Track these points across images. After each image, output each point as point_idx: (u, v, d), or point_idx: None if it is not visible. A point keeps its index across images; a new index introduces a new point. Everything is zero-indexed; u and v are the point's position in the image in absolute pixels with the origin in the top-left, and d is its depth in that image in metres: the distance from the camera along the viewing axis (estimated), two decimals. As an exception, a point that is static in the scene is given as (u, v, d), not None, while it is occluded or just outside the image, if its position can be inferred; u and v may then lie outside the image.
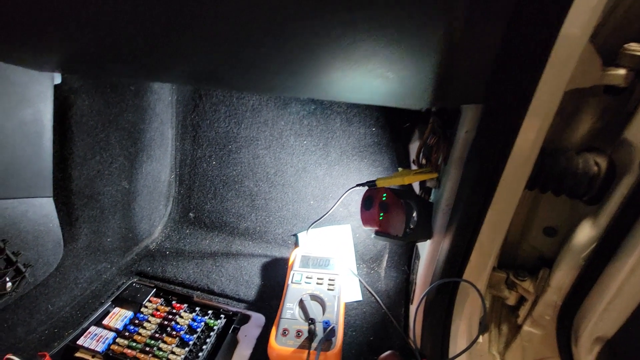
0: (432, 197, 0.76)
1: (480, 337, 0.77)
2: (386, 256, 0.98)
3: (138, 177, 0.96)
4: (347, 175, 1.01)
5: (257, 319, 0.83)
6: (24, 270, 0.72)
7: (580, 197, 0.56)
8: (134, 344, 0.73)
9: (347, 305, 0.84)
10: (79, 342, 0.72)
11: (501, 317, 0.84)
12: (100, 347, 0.72)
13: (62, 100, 0.72)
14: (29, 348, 0.71)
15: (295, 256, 0.88)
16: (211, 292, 0.89)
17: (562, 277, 0.67)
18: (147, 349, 0.72)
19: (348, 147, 1.00)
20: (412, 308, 0.81)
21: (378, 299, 0.86)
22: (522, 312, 0.78)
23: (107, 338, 0.74)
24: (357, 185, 0.75)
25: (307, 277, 0.81)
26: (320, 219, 0.84)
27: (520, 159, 0.51)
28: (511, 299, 0.78)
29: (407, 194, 0.77)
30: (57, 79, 0.70)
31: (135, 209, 0.97)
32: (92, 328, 0.76)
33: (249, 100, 1.03)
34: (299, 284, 0.80)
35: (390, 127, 0.95)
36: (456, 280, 0.68)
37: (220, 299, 0.88)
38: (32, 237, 0.73)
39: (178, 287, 0.89)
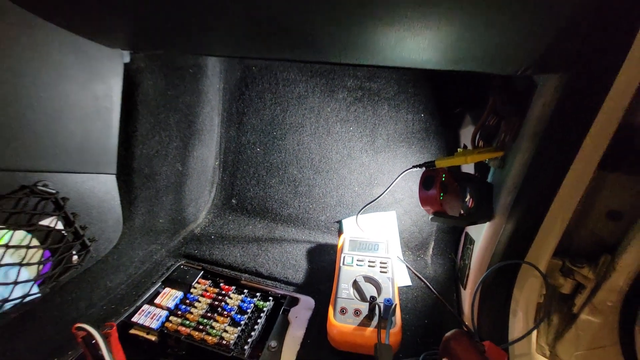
0: (489, 178, 0.75)
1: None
2: (432, 244, 0.97)
3: (190, 161, 0.98)
4: (393, 162, 1.01)
5: (306, 302, 0.83)
6: (89, 244, 0.73)
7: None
8: (187, 322, 0.74)
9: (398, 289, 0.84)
10: (134, 319, 0.74)
11: (551, 307, 0.82)
12: (154, 325, 0.73)
13: (130, 79, 0.74)
14: (89, 322, 0.71)
15: (344, 239, 0.88)
16: (259, 274, 0.89)
17: (631, 260, 0.65)
18: (200, 327, 0.73)
19: (395, 133, 0.99)
20: (465, 293, 0.80)
21: (428, 284, 0.86)
22: (579, 300, 0.76)
23: (160, 316, 0.75)
24: (414, 166, 0.75)
25: (358, 260, 0.82)
26: (373, 201, 0.85)
27: (602, 133, 0.50)
28: (566, 287, 0.76)
29: (464, 175, 0.76)
30: (127, 57, 0.73)
31: (185, 192, 0.99)
32: (145, 306, 0.77)
33: (295, 88, 1.04)
34: (351, 266, 0.80)
35: (439, 112, 0.94)
36: (519, 262, 0.67)
37: (268, 281, 0.88)
38: (96, 212, 0.75)
39: (225, 270, 0.90)
